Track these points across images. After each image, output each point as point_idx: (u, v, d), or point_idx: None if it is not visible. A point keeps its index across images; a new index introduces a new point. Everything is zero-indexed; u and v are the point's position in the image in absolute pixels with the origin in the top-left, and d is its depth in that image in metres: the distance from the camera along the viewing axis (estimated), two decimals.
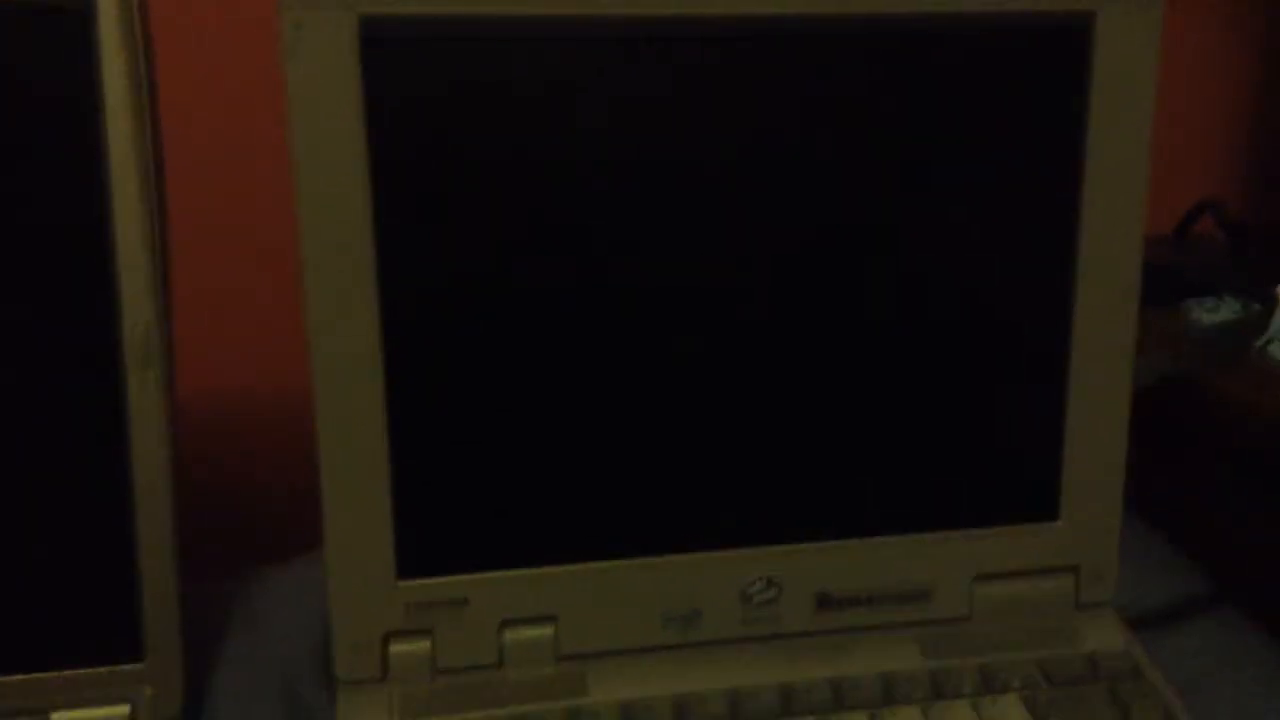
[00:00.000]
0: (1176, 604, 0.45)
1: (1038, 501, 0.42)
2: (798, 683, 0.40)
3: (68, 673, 0.38)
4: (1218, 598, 0.46)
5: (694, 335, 0.39)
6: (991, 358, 0.41)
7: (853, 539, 0.41)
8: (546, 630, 0.40)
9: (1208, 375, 0.49)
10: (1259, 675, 0.42)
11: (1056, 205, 0.40)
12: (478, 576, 0.39)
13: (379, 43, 0.36)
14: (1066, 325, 0.41)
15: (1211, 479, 0.50)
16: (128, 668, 0.38)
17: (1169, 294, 0.56)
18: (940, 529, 0.42)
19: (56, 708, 0.38)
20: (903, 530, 0.42)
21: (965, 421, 0.41)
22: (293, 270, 0.37)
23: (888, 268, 0.40)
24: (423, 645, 0.39)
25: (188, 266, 0.45)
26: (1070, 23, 0.39)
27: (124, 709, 0.38)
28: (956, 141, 0.40)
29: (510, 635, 0.40)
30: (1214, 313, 0.54)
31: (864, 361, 0.40)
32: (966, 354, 0.41)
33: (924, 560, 0.42)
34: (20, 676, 0.37)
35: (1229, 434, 0.48)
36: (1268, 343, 0.51)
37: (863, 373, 0.40)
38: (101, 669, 0.38)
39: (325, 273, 0.37)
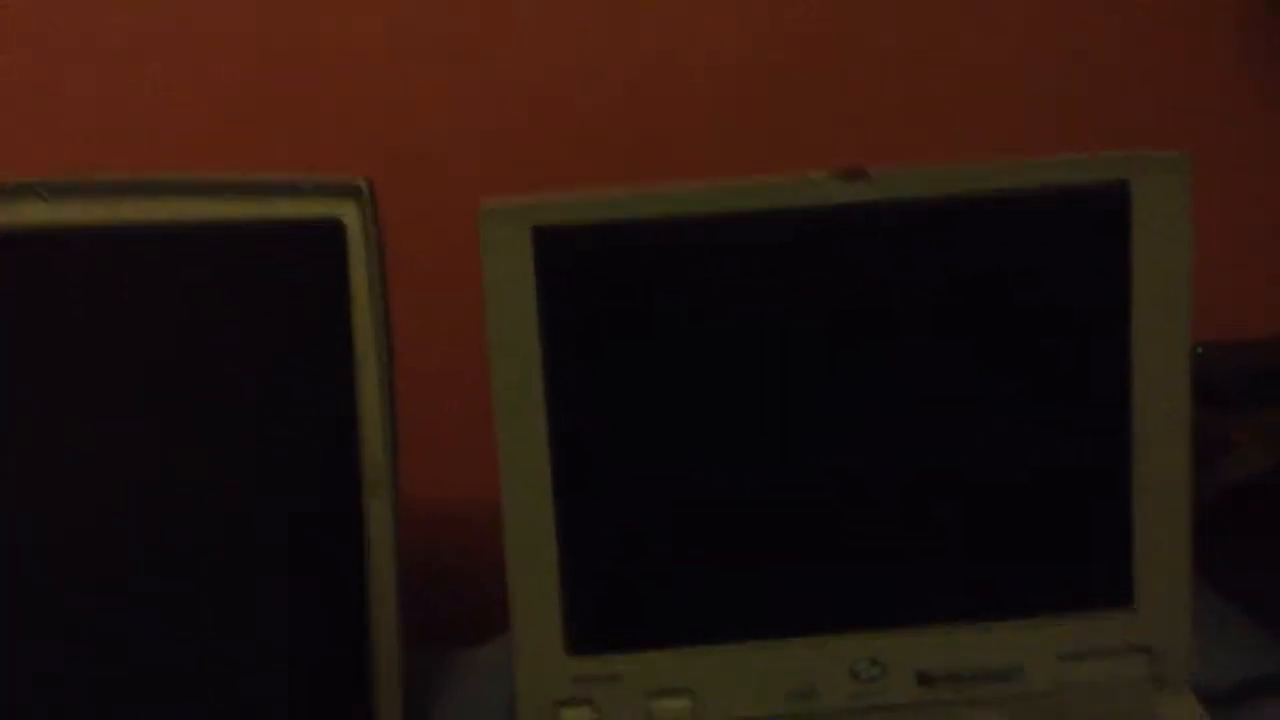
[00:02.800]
0: (1250, 679, 0.50)
1: (1114, 590, 0.48)
2: None
3: None
4: None
5: (821, 472, 0.48)
6: (1070, 474, 0.48)
7: (949, 624, 0.49)
8: (686, 702, 0.49)
9: None
10: None
11: (1110, 341, 0.47)
12: (630, 655, 0.48)
13: (546, 243, 0.46)
14: (1127, 446, 0.47)
15: None
16: None
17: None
18: (1027, 615, 0.48)
19: None
20: (993, 616, 0.48)
21: (1049, 523, 0.48)
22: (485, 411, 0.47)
23: (979, 400, 0.47)
24: (585, 712, 0.48)
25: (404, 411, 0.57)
26: (1108, 190, 0.47)
27: None
28: (1030, 292, 0.47)
29: (656, 705, 0.48)
30: None
31: (961, 477, 0.48)
32: (1049, 471, 0.48)
33: (1013, 643, 0.48)
34: None
35: None
36: None
37: (960, 486, 0.48)
38: None
39: (510, 419, 0.47)
